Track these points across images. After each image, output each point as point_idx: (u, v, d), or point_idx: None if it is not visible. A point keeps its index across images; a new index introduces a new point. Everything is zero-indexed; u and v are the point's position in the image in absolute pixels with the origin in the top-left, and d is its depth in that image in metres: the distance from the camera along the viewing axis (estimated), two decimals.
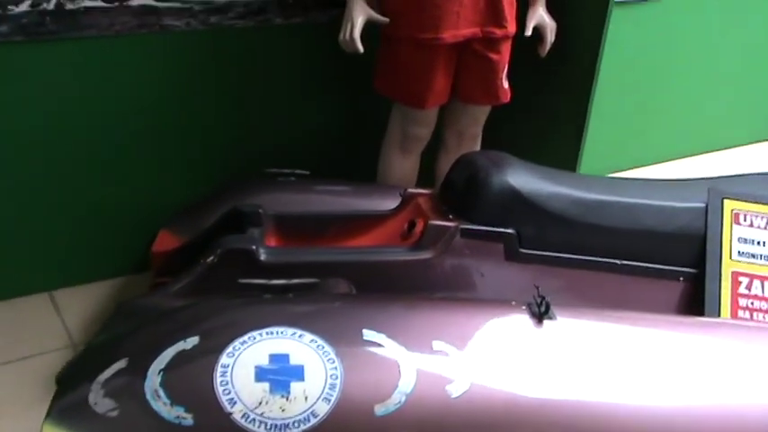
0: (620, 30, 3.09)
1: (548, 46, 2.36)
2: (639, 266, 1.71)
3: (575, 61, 2.45)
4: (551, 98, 2.57)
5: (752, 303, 1.64)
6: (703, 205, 1.74)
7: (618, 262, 1.71)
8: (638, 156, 3.45)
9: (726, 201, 1.72)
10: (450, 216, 1.74)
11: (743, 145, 3.79)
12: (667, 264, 1.72)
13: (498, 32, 2.24)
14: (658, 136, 3.49)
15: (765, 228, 1.70)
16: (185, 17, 2.27)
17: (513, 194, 1.70)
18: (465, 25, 2.19)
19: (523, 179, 1.73)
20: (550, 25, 2.35)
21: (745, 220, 1.70)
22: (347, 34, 2.16)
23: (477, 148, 2.52)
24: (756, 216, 1.71)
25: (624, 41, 3.13)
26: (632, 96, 3.29)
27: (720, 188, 1.75)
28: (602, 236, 1.71)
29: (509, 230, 1.69)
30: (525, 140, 2.66)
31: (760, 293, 1.65)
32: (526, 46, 2.37)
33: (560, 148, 2.55)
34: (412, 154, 2.45)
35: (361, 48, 2.16)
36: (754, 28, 3.54)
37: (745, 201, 1.72)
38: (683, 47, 3.35)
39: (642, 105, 3.36)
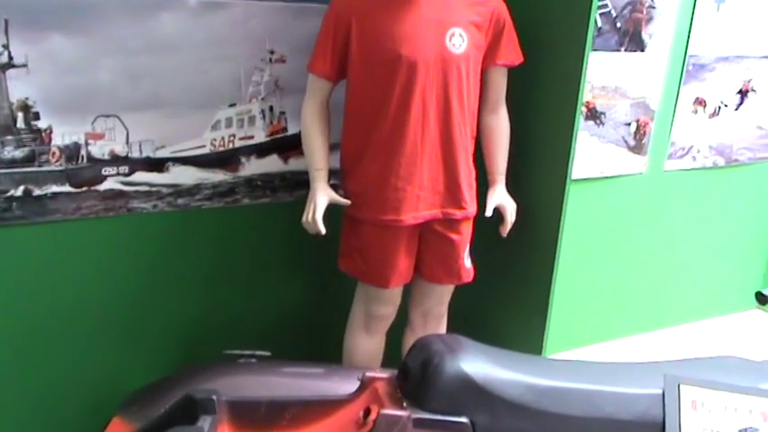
0: (579, 206, 3.19)
1: (509, 226, 2.41)
2: None
3: (535, 239, 2.50)
4: (514, 275, 2.60)
5: None
6: (660, 391, 1.71)
7: None
8: (605, 330, 3.44)
9: (682, 386, 1.70)
10: (405, 403, 1.71)
11: (708, 318, 3.79)
12: None
13: (458, 214, 2.30)
14: (624, 310, 3.50)
15: (724, 416, 1.67)
16: (153, 200, 2.33)
17: (466, 382, 1.67)
18: (425, 207, 2.25)
19: (478, 365, 1.71)
20: (510, 206, 2.41)
21: (702, 407, 1.68)
22: (310, 216, 2.22)
23: (443, 327, 2.52)
24: (714, 403, 1.68)
25: (583, 217, 3.22)
26: (594, 271, 3.34)
27: (676, 374, 1.73)
28: (559, 423, 1.67)
29: (462, 420, 1.65)
30: (491, 318, 2.66)
31: None
32: (488, 225, 2.42)
33: (526, 325, 2.55)
34: (377, 333, 2.44)
35: (323, 230, 2.20)
36: (712, 200, 3.64)
37: (702, 387, 1.69)
38: (643, 220, 3.43)
39: (605, 279, 3.39)
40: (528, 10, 2.36)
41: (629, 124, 3.27)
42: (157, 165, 2.31)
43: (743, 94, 3.55)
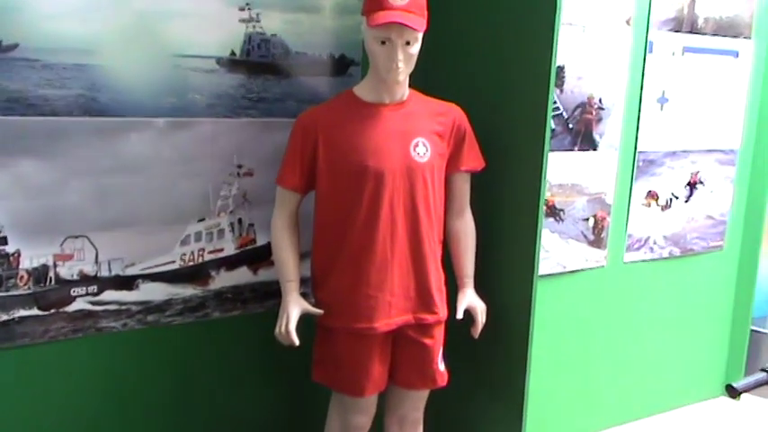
0: (546, 302, 3.24)
1: (480, 327, 2.44)
2: None
3: (507, 338, 2.52)
4: (488, 376, 2.61)
5: None
6: None
7: None
8: (582, 424, 3.43)
9: None
10: None
11: (678, 407, 3.81)
12: None
13: (430, 318, 2.32)
14: (597, 403, 3.50)
15: None
16: (122, 318, 2.31)
17: None
18: (397, 313, 2.27)
19: None
20: (480, 307, 2.44)
21: None
22: (283, 327, 2.22)
23: None
24: None
25: (550, 313, 3.26)
26: (565, 366, 3.35)
27: None
28: None
29: None
30: (468, 420, 2.65)
31: None
32: (459, 327, 2.44)
33: (503, 424, 2.54)
34: None
35: (296, 341, 2.20)
36: (672, 290, 3.73)
37: None
38: (608, 312, 3.49)
39: (576, 374, 3.41)
40: (487, 116, 2.47)
41: (587, 219, 3.37)
42: (127, 282, 2.30)
43: (692, 186, 3.70)
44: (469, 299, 2.43)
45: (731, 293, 3.95)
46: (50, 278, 2.17)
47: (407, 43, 2.12)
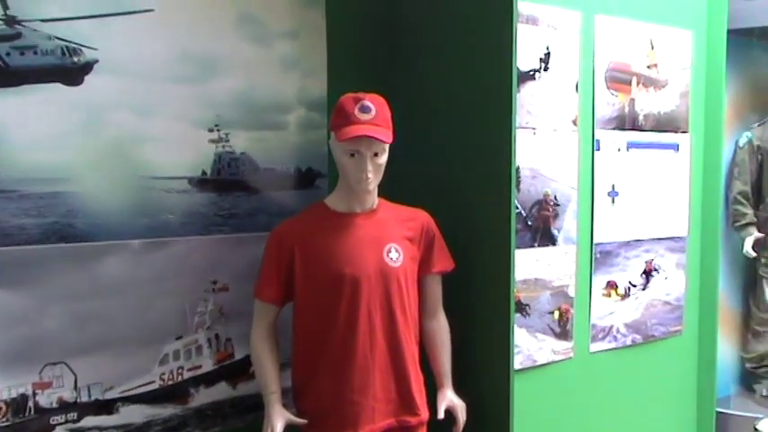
0: (519, 397, 3.26)
1: (461, 425, 2.46)
2: None
3: None
4: None
5: None
6: None
7: None
8: None
9: None
10: None
11: None
12: None
13: (413, 420, 2.34)
14: None
15: None
16: None
17: None
18: (380, 418, 2.28)
19: None
20: (460, 405, 2.47)
21: None
22: None
23: None
24: None
25: (524, 408, 3.27)
26: None
27: None
28: None
29: None
30: None
31: None
32: (441, 427, 2.45)
33: None
34: None
35: None
36: (638, 376, 3.79)
37: None
38: (579, 403, 3.52)
39: None
40: (453, 220, 2.57)
41: (553, 312, 3.45)
42: (107, 406, 2.27)
43: (647, 274, 3.84)
44: (449, 398, 2.46)
45: (693, 376, 4.03)
46: (29, 408, 2.14)
47: (375, 155, 2.23)
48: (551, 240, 3.44)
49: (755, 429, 1.99)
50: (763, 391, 4.22)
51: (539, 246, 3.40)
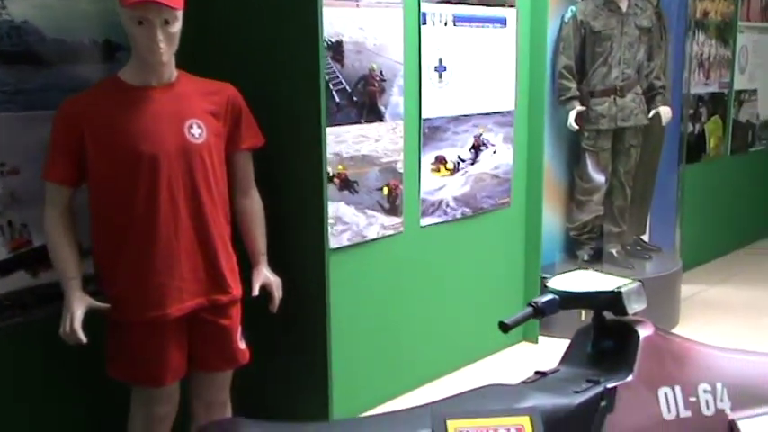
0: (349, 271, 3.33)
1: (277, 302, 2.46)
2: None
3: (305, 310, 2.56)
4: (291, 349, 2.64)
5: None
6: (430, 430, 1.81)
7: None
8: (394, 385, 3.56)
9: (448, 422, 1.81)
10: None
11: (484, 357, 4.05)
12: None
13: (224, 298, 2.31)
14: (406, 365, 3.65)
15: None
16: None
17: None
18: (189, 297, 2.24)
19: None
20: (275, 281, 2.46)
21: None
22: (67, 326, 2.12)
23: (228, 414, 2.48)
24: (478, 430, 1.81)
25: (355, 282, 3.35)
26: (374, 331, 3.46)
27: (442, 411, 1.84)
28: None
29: None
30: (276, 395, 2.67)
31: None
32: (258, 304, 2.45)
33: (310, 396, 2.59)
34: None
35: (83, 338, 2.12)
36: (468, 248, 3.95)
37: (465, 418, 1.82)
38: (410, 276, 3.64)
39: (386, 338, 3.54)
40: (260, 93, 2.47)
41: (382, 189, 3.49)
42: None
43: (476, 148, 3.92)
44: (264, 274, 2.45)
45: (521, 245, 4.25)
46: None
47: (166, 22, 2.08)
48: (378, 116, 3.42)
49: (545, 286, 2.11)
50: (584, 256, 4.50)
51: (365, 122, 3.37)
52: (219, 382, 2.42)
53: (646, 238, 4.90)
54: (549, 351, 3.95)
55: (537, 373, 2.12)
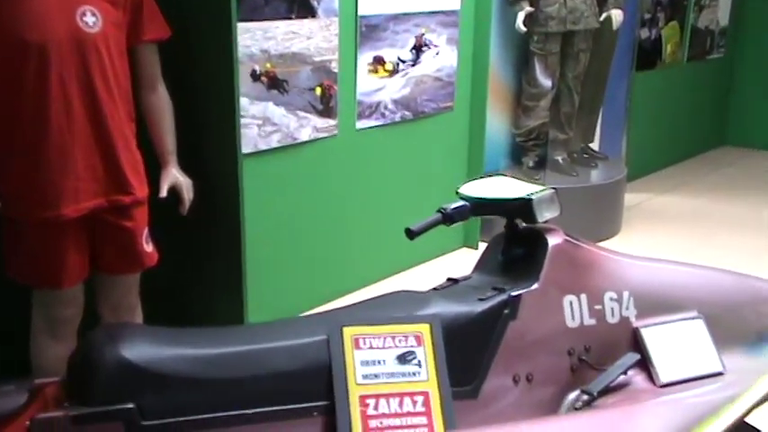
0: (278, 174, 3.23)
1: (187, 204, 2.37)
2: (273, 411, 1.68)
3: (219, 214, 2.48)
4: (205, 252, 2.57)
5: (381, 422, 1.67)
6: (326, 337, 1.77)
7: (250, 411, 1.67)
8: (323, 293, 3.50)
9: (345, 329, 1.76)
10: (66, 404, 1.61)
11: (422, 263, 4.02)
12: (301, 402, 1.71)
13: (126, 200, 2.21)
14: (340, 269, 3.61)
15: (384, 347, 1.76)
16: None
17: (127, 367, 1.61)
18: (87, 198, 2.14)
19: (141, 348, 1.65)
20: (185, 183, 2.36)
21: (364, 344, 1.75)
22: None
23: (138, 318, 2.43)
24: (374, 338, 1.77)
25: (284, 185, 3.26)
26: (301, 234, 3.40)
27: (340, 318, 1.80)
28: (229, 389, 1.67)
29: (127, 406, 1.59)
30: (189, 299, 2.61)
31: (387, 410, 1.68)
32: (169, 206, 2.35)
33: (224, 302, 2.54)
34: (64, 338, 2.29)
35: None
36: (406, 152, 3.85)
37: (363, 325, 1.77)
38: (345, 179, 3.55)
39: (317, 242, 3.47)
40: None
41: (314, 89, 3.35)
42: None
43: (418, 49, 3.78)
44: (174, 175, 2.35)
45: (464, 151, 4.16)
46: None
47: None
48: (310, 11, 3.25)
49: (457, 193, 2.03)
50: (529, 162, 4.43)
51: (296, 17, 3.20)
52: (125, 285, 2.35)
53: (595, 146, 4.84)
54: None
55: (449, 279, 2.08)
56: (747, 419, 1.91)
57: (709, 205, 5.09)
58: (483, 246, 4.23)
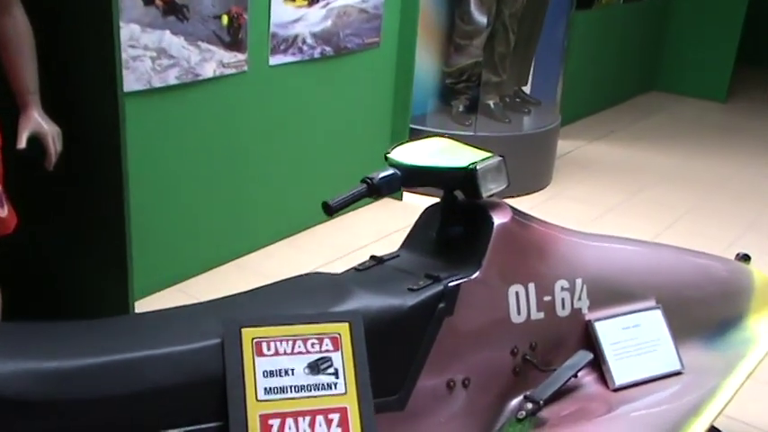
0: (177, 114, 2.80)
1: (54, 157, 1.94)
2: None
3: (96, 168, 2.06)
4: (81, 217, 2.15)
5: None
6: (219, 341, 1.41)
7: None
8: (230, 249, 3.14)
9: (244, 330, 1.41)
10: None
11: (353, 210, 3.69)
12: (184, 424, 1.36)
13: None
14: (251, 222, 3.24)
15: (293, 352, 1.42)
16: None
17: None
18: None
19: None
20: (52, 131, 1.93)
21: (269, 349, 1.41)
22: None
23: None
24: (281, 341, 1.42)
25: (188, 126, 2.84)
26: (204, 183, 2.99)
27: (237, 313, 1.44)
28: (92, 411, 1.30)
29: None
30: (71, 268, 2.20)
31: None
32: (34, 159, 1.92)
33: (106, 281, 2.13)
34: None
35: None
36: (327, 92, 3.46)
37: (267, 326, 1.42)
38: (253, 122, 3.14)
39: (219, 191, 3.07)
40: None
41: (220, 17, 2.89)
42: None
43: None
44: (35, 121, 1.91)
45: (390, 92, 3.80)
46: None
47: None
48: None
49: (386, 157, 1.66)
50: (459, 107, 4.10)
51: None
52: None
53: (528, 90, 4.54)
54: (412, 211, 3.62)
55: (372, 258, 1.73)
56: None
57: (640, 154, 4.90)
58: (408, 197, 3.98)
